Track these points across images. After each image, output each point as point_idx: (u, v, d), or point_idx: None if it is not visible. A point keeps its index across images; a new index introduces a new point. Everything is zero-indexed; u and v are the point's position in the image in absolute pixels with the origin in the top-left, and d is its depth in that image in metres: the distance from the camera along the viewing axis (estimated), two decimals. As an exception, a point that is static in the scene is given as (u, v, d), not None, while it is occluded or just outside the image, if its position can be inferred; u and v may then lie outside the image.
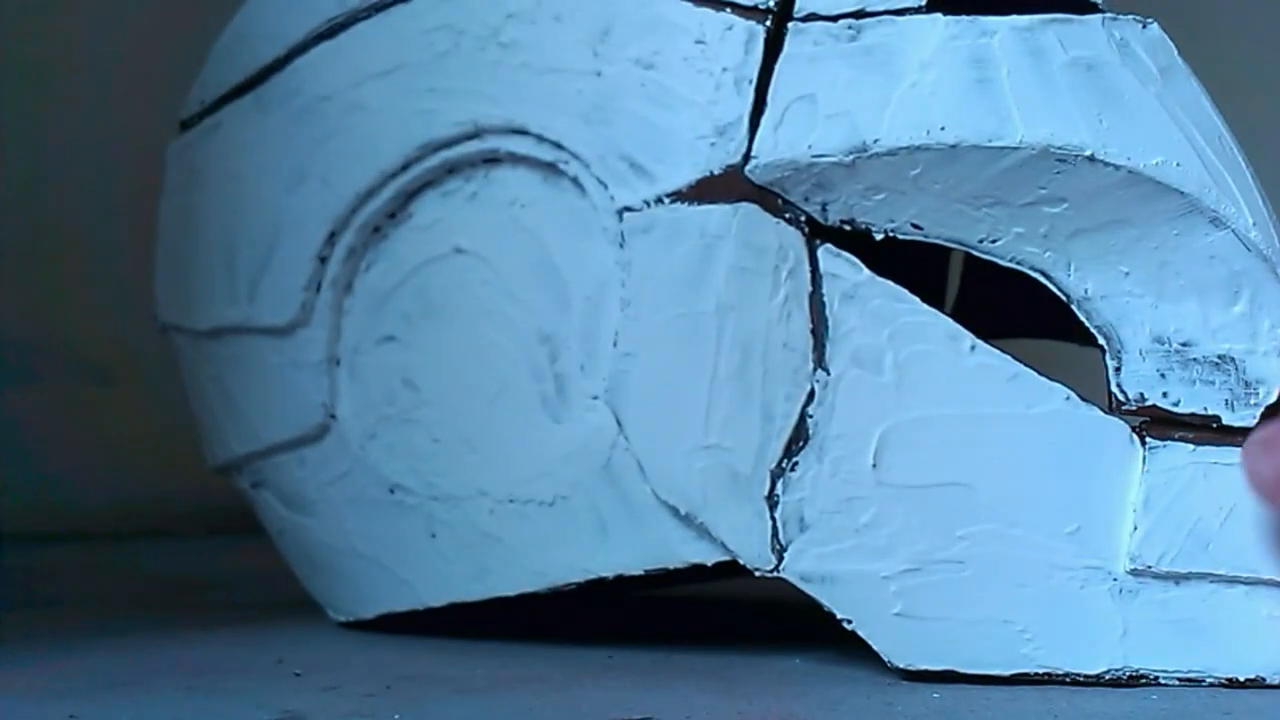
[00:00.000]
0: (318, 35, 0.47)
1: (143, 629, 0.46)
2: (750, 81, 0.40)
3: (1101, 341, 0.40)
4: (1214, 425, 0.39)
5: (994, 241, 0.39)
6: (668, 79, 0.41)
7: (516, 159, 0.43)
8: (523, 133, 0.43)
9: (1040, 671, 0.39)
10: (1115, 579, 0.38)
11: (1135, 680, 0.39)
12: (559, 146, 0.42)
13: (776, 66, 0.40)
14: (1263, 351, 0.39)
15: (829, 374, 0.39)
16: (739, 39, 0.40)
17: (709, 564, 0.40)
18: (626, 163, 0.41)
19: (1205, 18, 0.71)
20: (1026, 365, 0.39)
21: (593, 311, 0.41)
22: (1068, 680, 0.38)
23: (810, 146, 0.39)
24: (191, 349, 0.49)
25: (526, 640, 0.44)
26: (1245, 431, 0.39)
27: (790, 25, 0.40)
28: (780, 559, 0.39)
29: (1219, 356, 0.39)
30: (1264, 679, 0.38)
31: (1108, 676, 0.38)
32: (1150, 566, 0.38)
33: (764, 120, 0.39)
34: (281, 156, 0.47)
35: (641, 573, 0.41)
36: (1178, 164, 0.39)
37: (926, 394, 0.39)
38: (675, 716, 0.35)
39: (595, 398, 0.41)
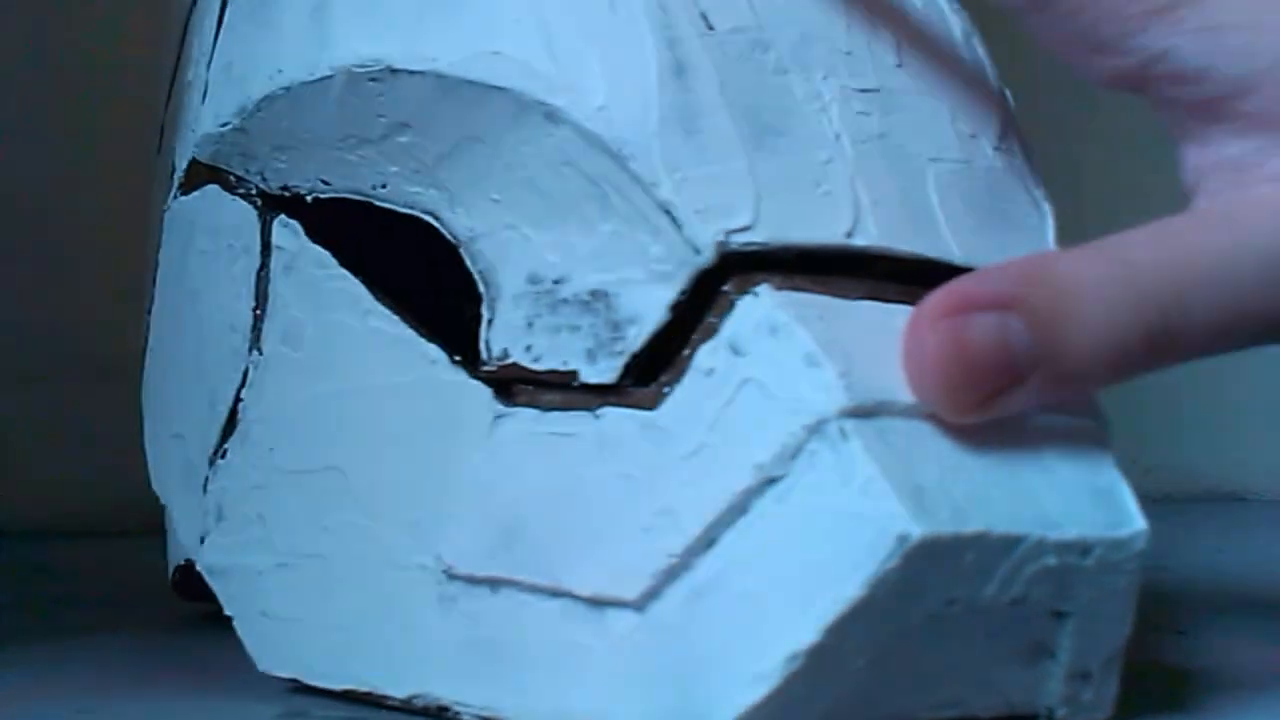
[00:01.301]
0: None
1: (144, 628, 0.47)
2: (207, 61, 0.38)
3: (480, 290, 0.32)
4: (572, 383, 0.30)
5: (384, 188, 0.34)
6: (193, 78, 0.41)
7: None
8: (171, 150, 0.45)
9: (365, 690, 0.32)
10: (440, 582, 0.31)
11: (442, 712, 0.30)
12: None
13: (217, 41, 0.38)
14: (638, 280, 0.29)
15: (261, 354, 0.36)
16: (210, 22, 0.39)
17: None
18: (171, 167, 0.42)
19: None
20: (413, 324, 0.33)
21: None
22: (384, 704, 0.31)
23: (217, 115, 0.37)
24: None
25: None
26: (605, 390, 0.29)
27: None
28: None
29: (591, 293, 0.30)
30: None
31: (417, 703, 0.31)
32: (456, 567, 0.30)
33: (205, 98, 0.38)
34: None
35: (184, 563, 0.41)
36: (497, 52, 0.30)
37: (330, 368, 0.35)
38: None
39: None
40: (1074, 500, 0.28)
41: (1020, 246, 0.32)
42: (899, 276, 0.30)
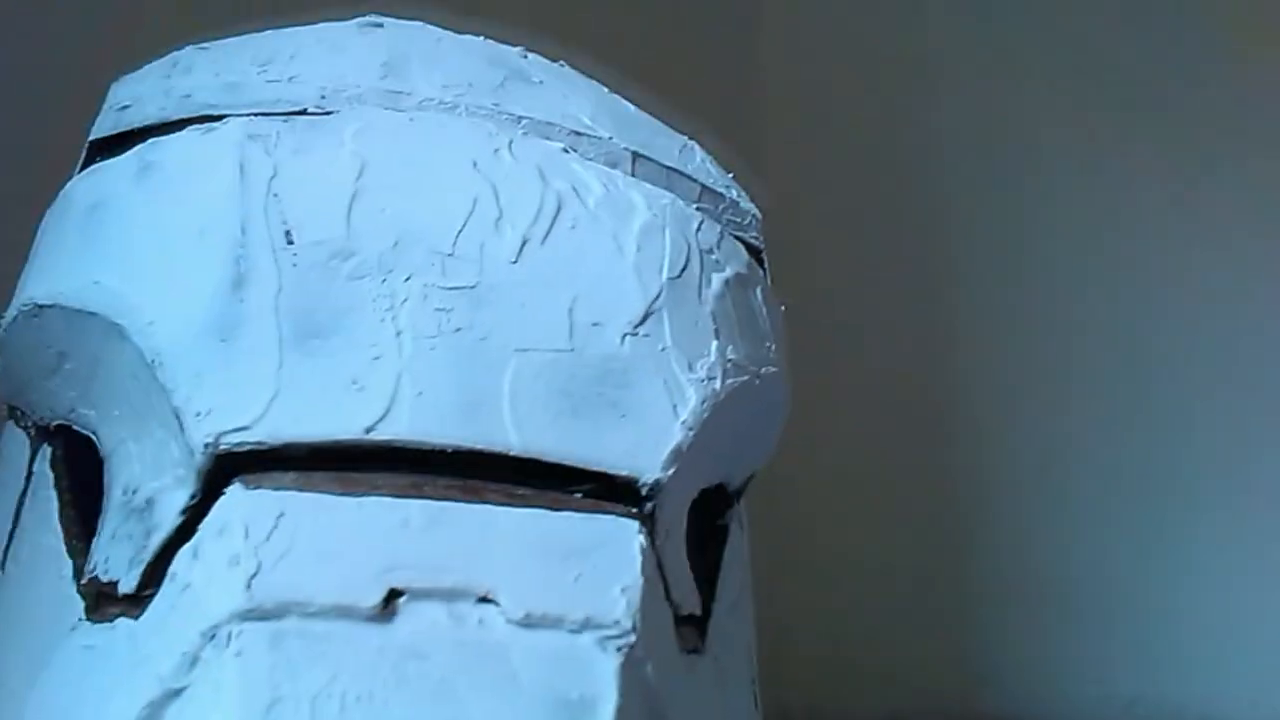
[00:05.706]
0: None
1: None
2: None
3: (104, 503, 0.33)
4: (117, 594, 0.29)
5: (73, 412, 0.36)
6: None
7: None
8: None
9: None
10: None
11: None
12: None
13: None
14: (168, 485, 0.30)
15: (3, 572, 0.38)
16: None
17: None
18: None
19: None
20: (69, 541, 0.34)
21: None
22: None
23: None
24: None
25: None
26: (126, 600, 0.29)
27: None
28: None
29: (146, 500, 0.30)
30: None
31: None
32: None
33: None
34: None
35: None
36: (97, 282, 0.32)
37: (23, 583, 0.36)
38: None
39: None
40: (518, 713, 0.24)
41: (620, 432, 0.30)
42: (452, 468, 0.29)
